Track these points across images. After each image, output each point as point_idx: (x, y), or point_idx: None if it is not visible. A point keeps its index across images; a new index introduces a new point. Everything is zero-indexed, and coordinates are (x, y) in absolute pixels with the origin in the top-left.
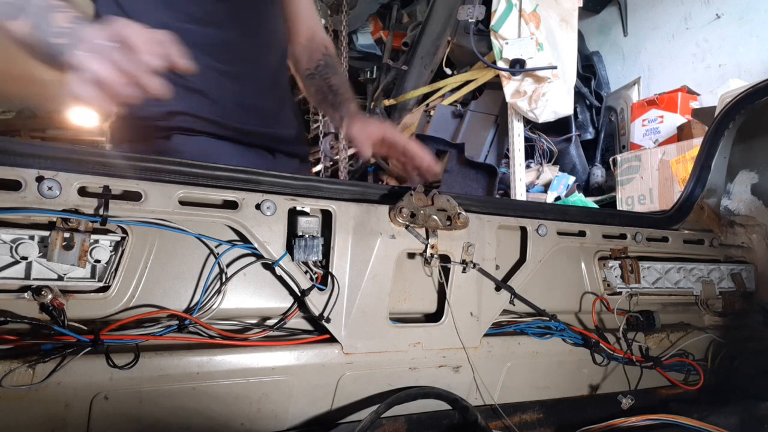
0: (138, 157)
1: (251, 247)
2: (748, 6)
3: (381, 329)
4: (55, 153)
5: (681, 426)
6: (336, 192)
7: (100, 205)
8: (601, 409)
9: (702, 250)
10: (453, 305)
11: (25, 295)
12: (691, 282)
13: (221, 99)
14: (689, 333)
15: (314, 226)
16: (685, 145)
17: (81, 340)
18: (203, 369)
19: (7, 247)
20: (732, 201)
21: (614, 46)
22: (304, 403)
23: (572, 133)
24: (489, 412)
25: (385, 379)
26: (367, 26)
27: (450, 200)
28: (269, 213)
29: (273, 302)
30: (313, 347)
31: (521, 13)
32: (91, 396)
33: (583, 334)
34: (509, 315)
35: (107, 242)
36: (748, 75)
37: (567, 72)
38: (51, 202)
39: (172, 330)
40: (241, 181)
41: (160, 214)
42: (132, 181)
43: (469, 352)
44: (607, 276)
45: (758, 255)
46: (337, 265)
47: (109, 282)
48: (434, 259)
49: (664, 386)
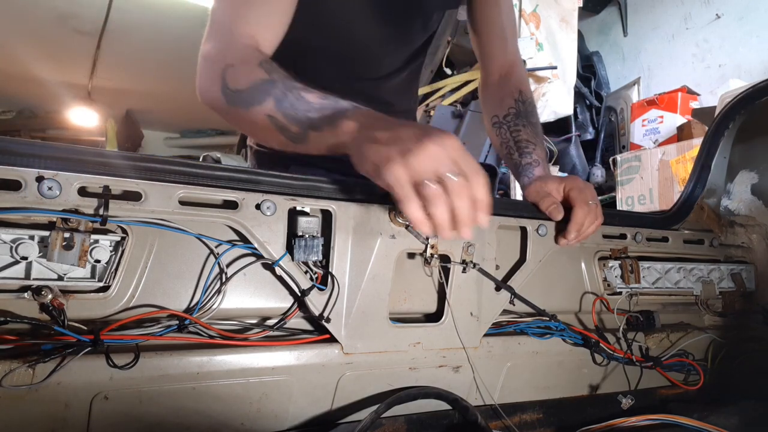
0: (138, 156)
1: (251, 247)
2: (748, 6)
3: (381, 329)
4: (55, 153)
5: (681, 426)
6: (336, 192)
7: (100, 205)
8: (601, 409)
9: (702, 250)
10: (453, 305)
11: (25, 295)
12: (691, 282)
13: None
14: (689, 333)
15: (314, 226)
16: (685, 145)
17: (81, 340)
18: (203, 369)
19: (7, 247)
20: (732, 201)
21: (614, 46)
22: (304, 403)
23: (572, 133)
24: (489, 412)
25: (385, 379)
26: None
27: None
28: (269, 213)
29: (273, 302)
30: (313, 347)
31: (521, 13)
32: (91, 396)
33: (583, 334)
34: (509, 315)
35: (107, 242)
36: (748, 75)
37: (567, 72)
38: (51, 202)
39: (172, 330)
40: (241, 181)
41: (160, 214)
42: (132, 181)
43: (469, 352)
44: (607, 276)
45: (758, 255)
46: (337, 265)
47: (109, 282)
48: (434, 259)
49: (664, 386)
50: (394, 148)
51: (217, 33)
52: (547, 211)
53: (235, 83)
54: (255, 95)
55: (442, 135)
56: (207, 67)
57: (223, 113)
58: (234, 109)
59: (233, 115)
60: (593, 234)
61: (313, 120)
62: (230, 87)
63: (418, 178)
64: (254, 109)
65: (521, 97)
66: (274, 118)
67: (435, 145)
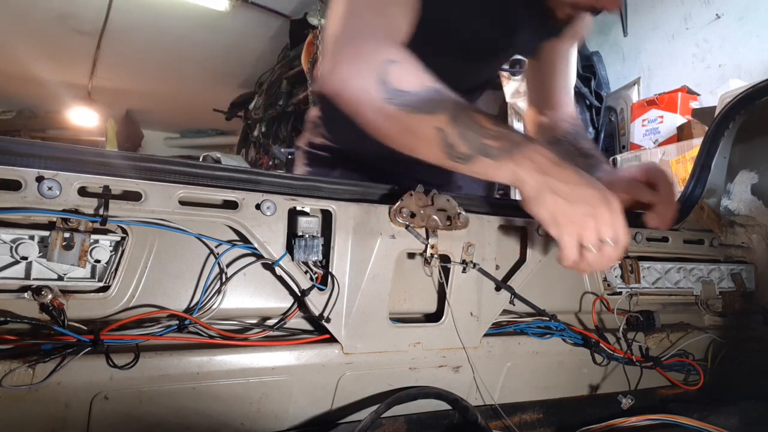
0: (138, 156)
1: (251, 247)
2: (748, 6)
3: (381, 329)
4: (55, 153)
5: (681, 426)
6: (336, 192)
7: (100, 205)
8: (601, 409)
9: (702, 250)
10: (453, 305)
11: (25, 295)
12: (691, 282)
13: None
14: (689, 333)
15: (314, 226)
16: (685, 145)
17: (81, 340)
18: (203, 369)
19: (7, 247)
20: (732, 201)
21: (614, 46)
22: (304, 403)
23: None
24: (489, 412)
25: (385, 379)
26: None
27: (450, 200)
28: (269, 213)
29: (273, 302)
30: (313, 347)
31: None
32: (91, 396)
33: (583, 334)
34: (509, 315)
35: (107, 242)
36: (748, 75)
37: None
38: (51, 202)
39: (172, 330)
40: (241, 181)
41: (160, 214)
42: (132, 181)
43: (469, 352)
44: (607, 276)
45: (758, 255)
46: (337, 265)
47: (109, 282)
48: (434, 259)
49: (664, 386)
50: (575, 211)
51: (362, 23)
52: (639, 196)
53: (400, 82)
54: (426, 103)
55: (613, 200)
56: (354, 54)
57: (368, 107)
58: (392, 107)
59: (387, 112)
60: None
61: (488, 147)
62: (393, 84)
63: (585, 244)
64: (422, 117)
65: (576, 121)
66: (445, 133)
67: (607, 212)
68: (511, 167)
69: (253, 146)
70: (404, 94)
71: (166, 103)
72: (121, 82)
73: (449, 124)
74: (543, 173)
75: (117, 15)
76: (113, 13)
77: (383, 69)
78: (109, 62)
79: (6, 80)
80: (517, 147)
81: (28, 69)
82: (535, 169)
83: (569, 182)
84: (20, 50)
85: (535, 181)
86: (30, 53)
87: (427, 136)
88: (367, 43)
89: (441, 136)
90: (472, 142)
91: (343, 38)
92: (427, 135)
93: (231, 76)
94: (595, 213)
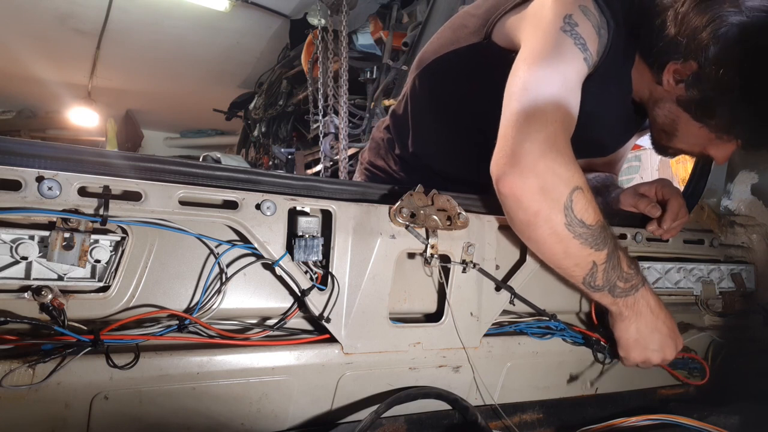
0: (138, 156)
1: (251, 247)
2: None
3: (381, 329)
4: (55, 153)
5: (681, 426)
6: (336, 192)
7: (100, 205)
8: (601, 409)
9: (702, 250)
10: (453, 305)
11: (25, 295)
12: (691, 282)
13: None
14: (689, 333)
15: (314, 226)
16: None
17: (81, 340)
18: (203, 369)
19: (7, 247)
20: (732, 201)
21: None
22: (304, 403)
23: None
24: (489, 412)
25: (385, 379)
26: (367, 26)
27: (450, 200)
28: (269, 213)
29: (273, 302)
30: (313, 347)
31: None
32: (91, 396)
33: (583, 333)
34: (509, 315)
35: (107, 242)
36: None
37: None
38: (51, 202)
39: (172, 330)
40: (241, 181)
41: (160, 214)
42: (132, 181)
43: (469, 352)
44: None
45: (758, 255)
46: (337, 265)
47: (109, 282)
48: (434, 259)
49: (664, 386)
50: (653, 356)
51: (552, 133)
52: (645, 210)
53: (583, 214)
54: (597, 239)
55: (680, 345)
56: (548, 172)
57: (545, 225)
58: (568, 233)
59: (561, 236)
60: (679, 230)
61: (617, 287)
62: (577, 215)
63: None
64: (587, 250)
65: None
66: (596, 267)
67: (671, 357)
68: (625, 308)
69: (253, 146)
70: (583, 225)
71: (165, 103)
72: (121, 82)
73: (603, 262)
74: (644, 327)
75: (117, 15)
76: (113, 13)
77: (571, 197)
78: (109, 62)
79: (6, 80)
80: (634, 290)
81: (28, 69)
82: (638, 317)
83: (659, 332)
84: (20, 50)
85: (635, 325)
86: (30, 53)
87: (581, 264)
88: (559, 156)
89: (591, 269)
90: (608, 279)
91: (526, 140)
92: (582, 264)
93: (231, 76)
94: (664, 358)
